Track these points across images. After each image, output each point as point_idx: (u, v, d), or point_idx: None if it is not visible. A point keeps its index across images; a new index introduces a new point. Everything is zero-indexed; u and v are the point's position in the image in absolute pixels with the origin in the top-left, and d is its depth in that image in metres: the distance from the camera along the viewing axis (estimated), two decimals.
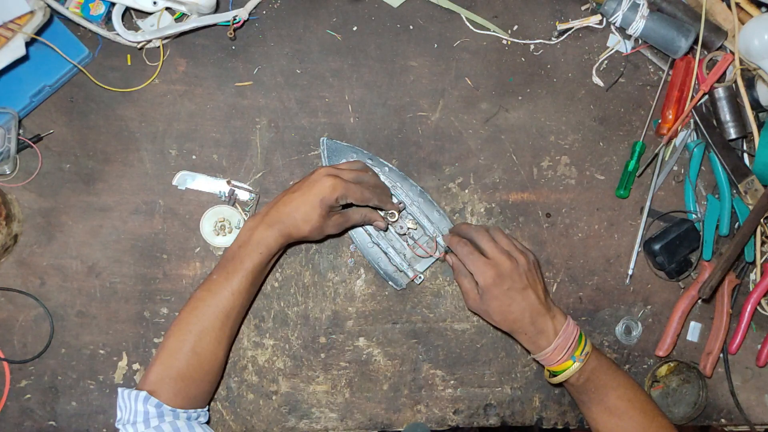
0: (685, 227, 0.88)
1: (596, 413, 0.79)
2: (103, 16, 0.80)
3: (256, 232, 0.75)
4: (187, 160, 0.85)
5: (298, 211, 0.75)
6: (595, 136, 0.90)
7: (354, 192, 0.76)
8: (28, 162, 0.82)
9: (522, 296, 0.77)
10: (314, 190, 0.75)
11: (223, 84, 0.85)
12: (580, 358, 0.77)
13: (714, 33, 0.88)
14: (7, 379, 0.81)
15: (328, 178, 0.75)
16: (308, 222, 0.75)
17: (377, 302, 0.87)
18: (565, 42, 0.90)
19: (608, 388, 0.78)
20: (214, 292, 0.74)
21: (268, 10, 0.86)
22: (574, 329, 0.79)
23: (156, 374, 0.72)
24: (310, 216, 0.75)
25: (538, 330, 0.77)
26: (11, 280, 0.82)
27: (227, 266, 0.75)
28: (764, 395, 0.92)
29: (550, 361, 0.78)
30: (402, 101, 0.87)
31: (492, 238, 0.80)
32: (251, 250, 0.75)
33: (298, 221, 0.75)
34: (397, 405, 0.87)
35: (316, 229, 0.76)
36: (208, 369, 0.75)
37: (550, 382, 0.80)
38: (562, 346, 0.77)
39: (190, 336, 0.73)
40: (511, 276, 0.77)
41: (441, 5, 0.88)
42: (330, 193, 0.75)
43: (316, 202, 0.75)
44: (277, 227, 0.75)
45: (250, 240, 0.75)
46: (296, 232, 0.76)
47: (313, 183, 0.75)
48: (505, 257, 0.77)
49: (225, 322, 0.75)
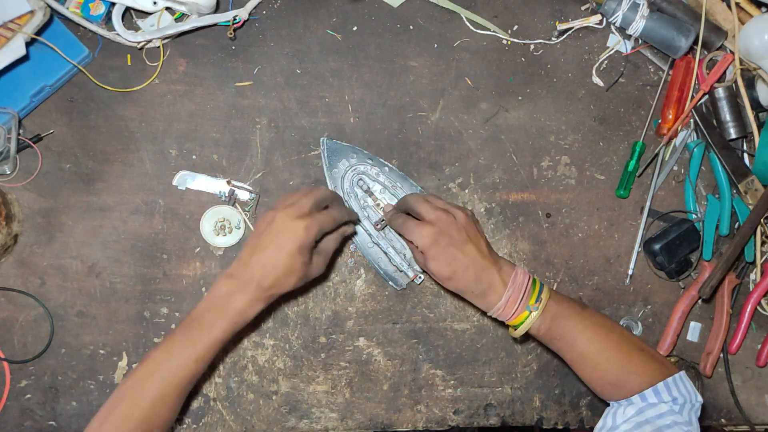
0: (685, 227, 0.88)
1: (571, 361, 0.76)
2: (103, 16, 0.80)
3: (231, 300, 0.69)
4: (187, 160, 0.85)
5: (277, 268, 0.69)
6: (595, 136, 0.90)
7: (326, 221, 0.72)
8: (28, 162, 0.82)
9: (462, 252, 0.72)
10: (287, 238, 0.69)
11: (223, 84, 0.85)
12: (536, 307, 0.73)
13: (714, 33, 0.88)
14: (7, 379, 0.81)
15: (296, 222, 0.69)
16: (292, 274, 0.70)
17: (377, 302, 0.87)
18: (565, 42, 0.90)
19: (575, 332, 0.74)
20: (176, 356, 0.68)
21: (268, 10, 0.86)
22: (524, 278, 0.74)
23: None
24: (293, 267, 0.70)
25: (485, 286, 0.73)
26: (11, 280, 0.82)
27: (193, 329, 0.69)
28: (764, 395, 0.92)
29: (506, 315, 0.74)
30: (402, 101, 0.87)
31: (426, 200, 0.76)
32: (223, 318, 0.69)
33: (280, 278, 0.70)
34: (397, 405, 0.87)
35: (301, 278, 0.72)
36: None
37: (513, 336, 0.76)
38: (514, 297, 0.73)
39: (143, 403, 0.67)
40: (449, 231, 0.73)
41: (441, 5, 0.88)
42: (306, 237, 0.69)
43: (295, 251, 0.69)
44: (256, 293, 0.69)
45: (224, 307, 0.69)
46: (279, 290, 0.71)
47: (281, 232, 0.69)
48: (441, 212, 0.73)
49: (184, 390, 0.70)
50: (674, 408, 0.71)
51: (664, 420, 0.70)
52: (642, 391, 0.73)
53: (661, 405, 0.72)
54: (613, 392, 0.75)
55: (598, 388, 0.77)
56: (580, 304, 0.78)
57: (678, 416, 0.71)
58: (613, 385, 0.75)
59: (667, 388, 0.72)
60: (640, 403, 0.73)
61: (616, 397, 0.75)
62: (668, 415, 0.71)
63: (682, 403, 0.72)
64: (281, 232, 0.69)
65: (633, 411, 0.72)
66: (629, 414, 0.72)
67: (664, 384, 0.72)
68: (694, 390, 0.74)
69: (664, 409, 0.71)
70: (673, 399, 0.72)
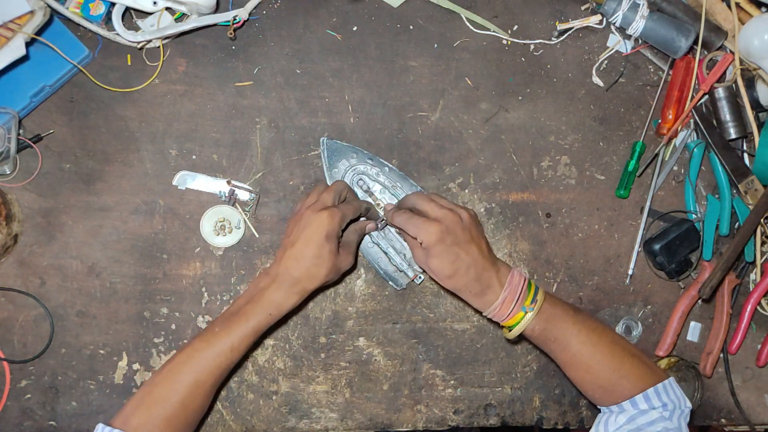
0: (685, 227, 0.88)
1: (564, 363, 0.77)
2: (103, 16, 0.80)
3: (267, 292, 0.73)
4: (187, 160, 0.85)
5: (307, 258, 0.72)
6: (595, 136, 0.90)
7: (347, 209, 0.75)
8: (28, 162, 0.82)
9: (466, 251, 0.74)
10: (314, 230, 0.72)
11: (223, 84, 0.85)
12: (531, 308, 0.74)
13: (714, 33, 0.88)
14: (7, 379, 0.81)
15: (320, 213, 0.73)
16: (322, 264, 0.73)
17: (377, 302, 0.87)
18: (565, 42, 0.90)
19: (569, 335, 0.75)
20: (213, 344, 0.71)
21: (268, 10, 0.86)
22: (520, 280, 0.75)
23: (140, 419, 0.68)
24: (321, 256, 0.72)
25: (484, 286, 0.74)
26: (11, 280, 0.82)
27: (231, 319, 0.72)
28: (764, 395, 0.92)
29: (501, 315, 0.75)
30: (402, 101, 0.87)
31: (431, 199, 0.77)
32: (260, 309, 0.72)
33: (310, 269, 0.73)
34: (397, 405, 0.87)
35: (331, 269, 0.74)
36: (193, 420, 0.72)
37: (507, 337, 0.77)
38: (510, 298, 0.74)
39: (180, 387, 0.70)
40: (454, 230, 0.74)
41: (441, 5, 0.88)
42: (330, 224, 0.72)
43: (322, 240, 0.72)
44: (291, 287, 0.73)
45: (260, 299, 0.73)
46: (312, 283, 0.74)
47: (308, 225, 0.73)
48: (447, 211, 0.75)
49: (219, 378, 0.73)
50: (664, 414, 0.72)
51: (654, 427, 0.71)
52: (633, 396, 0.74)
53: (651, 412, 0.73)
54: (605, 396, 0.76)
55: (590, 391, 0.77)
56: (574, 307, 0.79)
57: (668, 422, 0.72)
58: (604, 389, 0.76)
59: (657, 393, 0.73)
60: (631, 410, 0.74)
61: (607, 402, 0.76)
62: (659, 422, 0.72)
63: (672, 409, 0.73)
64: (308, 226, 0.73)
65: (624, 419, 0.73)
66: (621, 422, 0.73)
67: (654, 390, 0.73)
68: (683, 396, 0.75)
69: (655, 416, 0.72)
70: (663, 405, 0.73)
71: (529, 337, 0.77)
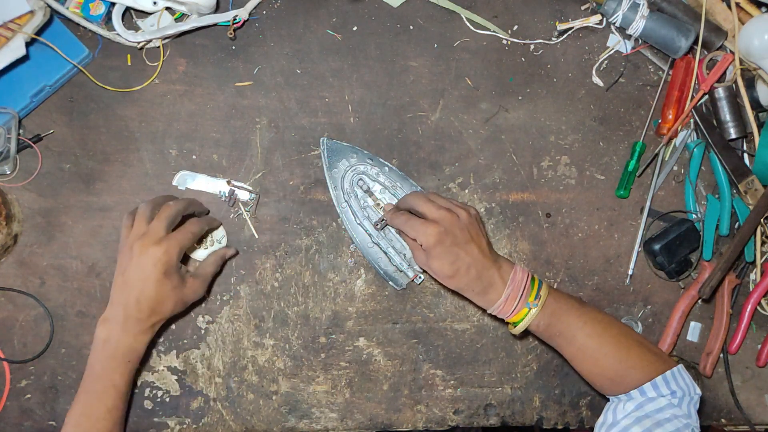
0: (685, 227, 0.88)
1: (571, 356, 0.77)
2: (103, 16, 0.80)
3: (115, 343, 0.71)
4: (187, 160, 0.85)
5: (149, 298, 0.70)
6: (595, 136, 0.90)
7: (184, 238, 0.72)
8: (28, 162, 0.82)
9: (465, 251, 0.73)
10: (150, 268, 0.70)
11: (223, 84, 0.85)
12: (535, 303, 0.74)
13: (714, 33, 0.88)
14: (7, 379, 0.81)
15: (153, 248, 0.70)
16: (166, 300, 0.72)
17: (377, 302, 0.87)
18: (565, 42, 0.90)
19: (574, 328, 0.75)
20: (91, 415, 0.70)
21: (268, 10, 0.86)
22: (523, 276, 0.75)
23: None
24: (163, 294, 0.71)
25: (486, 284, 0.74)
26: (11, 280, 0.82)
27: (95, 384, 0.71)
28: (764, 395, 0.92)
29: (506, 312, 0.75)
30: (402, 101, 0.87)
31: (429, 199, 0.77)
32: (116, 363, 0.71)
33: (154, 308, 0.71)
34: (397, 405, 0.87)
35: (177, 303, 0.73)
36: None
37: (513, 333, 0.77)
38: (514, 295, 0.74)
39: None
40: (453, 231, 0.73)
41: (441, 5, 0.88)
42: (168, 259, 0.70)
43: (161, 278, 0.70)
44: (137, 327, 0.71)
45: (114, 352, 0.71)
46: (159, 318, 0.72)
47: (140, 260, 0.70)
48: (445, 212, 0.74)
49: (116, 427, 0.72)
50: (673, 401, 0.72)
51: (663, 414, 0.70)
52: (641, 385, 0.73)
53: (660, 399, 0.72)
54: (613, 387, 0.75)
55: (598, 383, 0.77)
56: (579, 300, 0.79)
57: (677, 409, 0.71)
58: (612, 380, 0.75)
59: (665, 381, 0.72)
60: (640, 398, 0.73)
61: (615, 392, 0.76)
62: (667, 409, 0.71)
63: (681, 396, 0.72)
64: (141, 263, 0.70)
65: (633, 406, 0.72)
66: (629, 409, 0.72)
67: (662, 378, 0.73)
68: (693, 383, 0.74)
69: (663, 403, 0.71)
70: (671, 392, 0.72)
71: (534, 332, 0.77)
